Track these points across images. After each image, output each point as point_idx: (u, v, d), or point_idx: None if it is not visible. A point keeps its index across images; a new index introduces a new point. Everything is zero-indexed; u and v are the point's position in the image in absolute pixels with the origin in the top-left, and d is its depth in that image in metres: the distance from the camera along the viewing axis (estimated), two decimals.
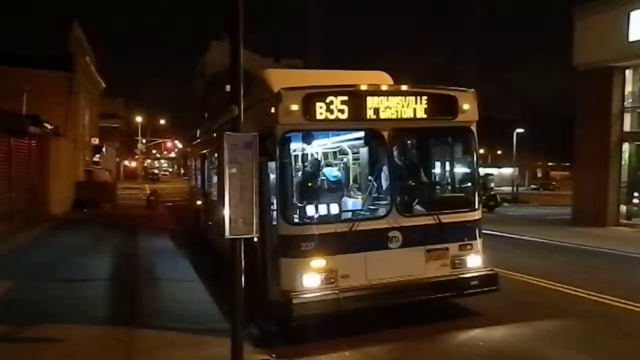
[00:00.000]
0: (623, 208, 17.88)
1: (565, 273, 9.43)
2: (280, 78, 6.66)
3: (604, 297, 7.54)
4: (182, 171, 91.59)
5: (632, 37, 16.61)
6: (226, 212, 4.21)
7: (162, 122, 70.82)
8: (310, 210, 6.01)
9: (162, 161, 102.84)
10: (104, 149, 39.63)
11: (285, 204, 5.67)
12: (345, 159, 7.94)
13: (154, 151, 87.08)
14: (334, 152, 8.23)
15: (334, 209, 6.17)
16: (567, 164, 53.40)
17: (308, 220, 5.90)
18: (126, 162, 65.88)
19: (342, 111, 5.69)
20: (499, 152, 60.93)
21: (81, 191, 22.29)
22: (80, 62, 26.13)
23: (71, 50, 25.71)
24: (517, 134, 47.22)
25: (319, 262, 5.58)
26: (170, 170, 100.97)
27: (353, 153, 7.71)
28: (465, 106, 6.29)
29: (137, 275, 8.97)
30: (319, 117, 5.63)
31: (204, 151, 12.02)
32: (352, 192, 7.37)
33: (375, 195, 6.47)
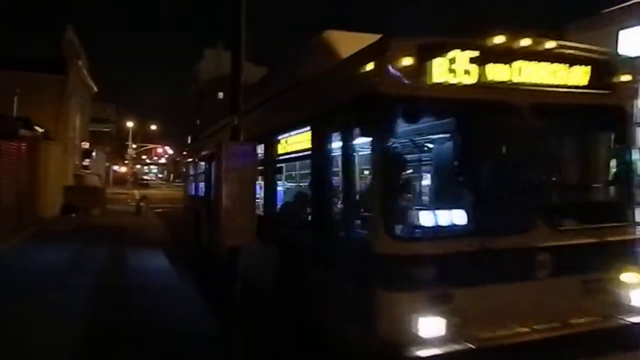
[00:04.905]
0: None
1: None
2: (346, 41, 5.25)
3: None
4: (172, 177, 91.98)
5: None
6: (224, 220, 4.19)
7: (153, 127, 70.71)
8: (425, 218, 4.21)
9: (152, 167, 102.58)
10: (94, 154, 39.34)
11: (388, 209, 3.96)
12: (465, 145, 5.11)
13: (143, 157, 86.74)
14: (449, 134, 5.38)
15: (459, 217, 4.27)
16: None
17: (422, 234, 4.11)
18: (115, 167, 65.46)
19: (468, 73, 4.03)
20: None
21: (70, 196, 22.08)
22: (72, 66, 26.05)
23: (64, 53, 25.62)
24: None
25: (441, 299, 3.80)
26: (161, 176, 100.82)
27: (478, 136, 4.88)
28: (625, 79, 4.68)
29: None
30: (436, 79, 3.93)
31: (210, 156, 10.09)
32: (476, 193, 4.78)
33: (512, 198, 4.51)
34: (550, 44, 4.37)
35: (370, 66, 4.03)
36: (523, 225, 4.21)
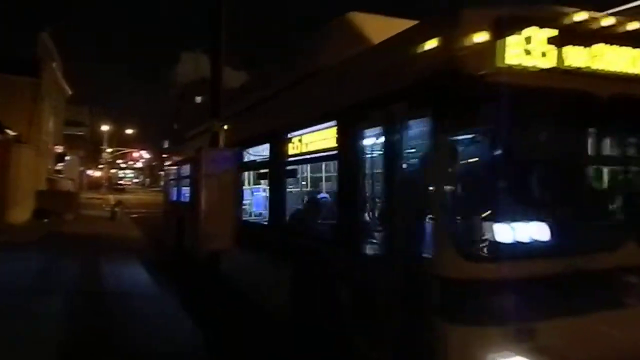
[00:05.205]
0: None
1: None
2: (374, 24, 4.65)
3: None
4: (148, 182, 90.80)
5: None
6: (204, 225, 4.18)
7: (129, 131, 69.58)
8: (503, 233, 3.29)
9: (128, 171, 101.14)
10: (67, 158, 38.52)
11: (459, 221, 3.31)
12: (540, 143, 4.09)
13: (119, 161, 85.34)
14: (521, 130, 4.00)
15: (541, 231, 3.39)
16: None
17: (500, 253, 3.25)
18: (90, 172, 64.22)
19: (544, 55, 3.26)
20: None
21: (43, 200, 21.60)
22: (46, 68, 25.53)
23: (38, 55, 25.13)
24: None
25: (525, 334, 3.10)
26: (137, 180, 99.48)
27: (554, 132, 4.06)
28: None
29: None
30: (509, 60, 3.16)
31: (193, 160, 9.11)
32: (551, 203, 3.87)
33: (597, 209, 3.87)
34: (634, 25, 3.62)
35: (439, 43, 3.30)
36: (611, 242, 3.55)
